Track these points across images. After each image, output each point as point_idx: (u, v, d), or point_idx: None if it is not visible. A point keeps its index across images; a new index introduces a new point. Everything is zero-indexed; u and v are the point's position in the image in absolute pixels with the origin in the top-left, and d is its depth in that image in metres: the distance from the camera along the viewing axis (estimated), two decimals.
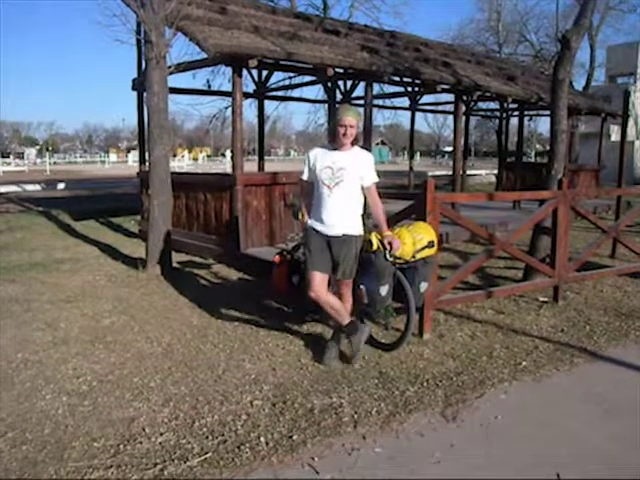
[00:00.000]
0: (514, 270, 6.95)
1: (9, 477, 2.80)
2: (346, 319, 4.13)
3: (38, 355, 4.38)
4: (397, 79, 11.26)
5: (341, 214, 4.05)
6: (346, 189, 4.03)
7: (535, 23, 26.97)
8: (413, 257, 4.21)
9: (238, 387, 3.76)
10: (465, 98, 11.62)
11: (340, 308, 4.13)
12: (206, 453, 2.98)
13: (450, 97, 13.32)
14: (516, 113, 16.24)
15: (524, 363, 4.19)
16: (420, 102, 15.30)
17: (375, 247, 4.03)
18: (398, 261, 4.18)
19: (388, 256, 4.02)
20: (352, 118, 3.99)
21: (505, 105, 15.56)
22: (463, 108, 11.41)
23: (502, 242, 5.42)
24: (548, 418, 3.40)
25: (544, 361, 4.24)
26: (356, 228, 4.09)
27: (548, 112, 8.36)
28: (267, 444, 3.06)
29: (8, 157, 60.84)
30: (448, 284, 5.10)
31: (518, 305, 5.69)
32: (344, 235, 4.04)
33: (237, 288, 6.45)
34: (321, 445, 3.06)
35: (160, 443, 3.09)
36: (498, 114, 17.99)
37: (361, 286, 4.10)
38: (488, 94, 11.94)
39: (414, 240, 4.20)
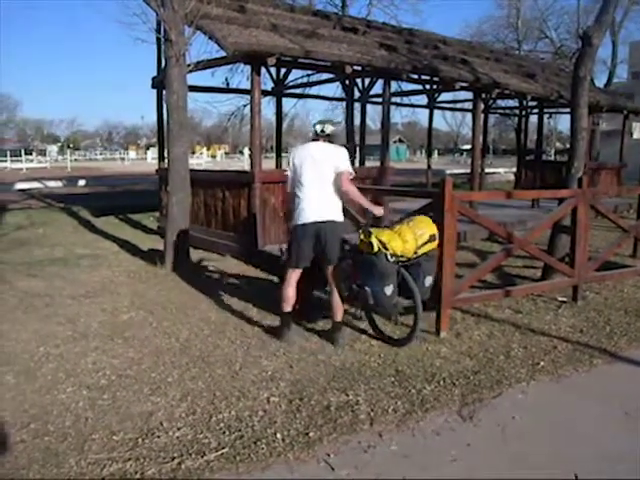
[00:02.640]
0: (532, 269, 6.89)
1: (32, 466, 2.86)
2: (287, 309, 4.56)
3: (59, 349, 4.45)
4: (415, 77, 11.21)
5: None
6: None
7: (555, 19, 26.67)
8: (415, 253, 4.30)
9: (255, 383, 3.79)
10: (484, 96, 11.54)
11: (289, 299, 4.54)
12: (223, 448, 3.01)
13: (469, 95, 13.23)
14: (535, 111, 16.11)
15: (542, 363, 4.16)
16: (438, 100, 15.23)
17: (376, 249, 4.14)
18: (401, 259, 4.26)
19: (390, 257, 4.11)
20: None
21: (524, 103, 15.40)
22: (482, 106, 11.34)
23: (521, 241, 5.38)
24: (567, 419, 3.37)
25: (563, 361, 4.20)
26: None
27: (568, 110, 8.29)
28: (283, 440, 3.08)
29: (31, 154, 61.62)
30: (465, 282, 5.08)
31: (536, 304, 5.65)
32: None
33: (254, 285, 6.48)
34: (337, 442, 3.07)
35: (178, 437, 3.12)
36: (517, 112, 17.83)
37: (366, 288, 4.19)
38: (507, 92, 11.82)
39: (415, 236, 4.28)
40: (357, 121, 13.20)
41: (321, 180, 4.40)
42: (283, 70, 11.20)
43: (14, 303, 5.67)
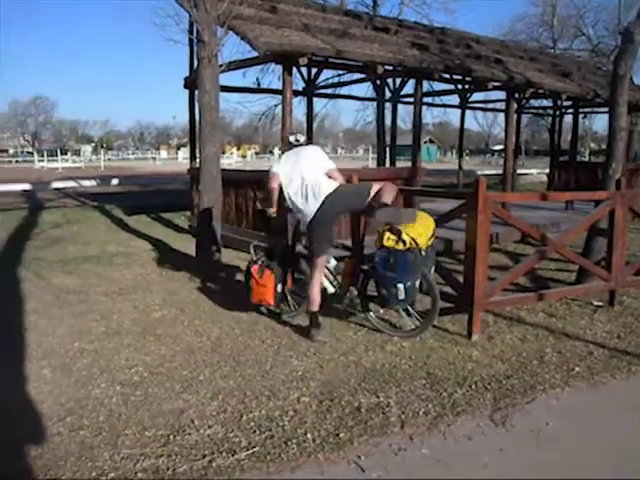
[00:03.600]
0: (566, 272, 6.77)
1: (69, 458, 2.92)
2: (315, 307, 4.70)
3: (93, 345, 4.53)
4: (447, 76, 11.12)
5: None
6: None
7: (593, 16, 26.16)
8: (426, 246, 4.49)
9: (285, 383, 3.79)
10: (517, 95, 11.36)
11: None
12: (253, 447, 3.01)
13: (501, 94, 13.06)
14: (570, 110, 15.81)
15: (577, 369, 4.06)
16: (470, 100, 15.07)
17: (408, 245, 4.29)
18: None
19: (422, 252, 4.30)
20: None
21: (559, 102, 15.13)
22: (515, 106, 11.16)
23: (555, 243, 5.28)
24: (603, 427, 3.29)
25: (599, 368, 4.10)
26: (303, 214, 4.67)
27: (605, 109, 8.11)
28: (314, 441, 3.07)
29: (66, 154, 62.93)
30: (498, 285, 5.01)
31: (570, 309, 5.54)
32: None
33: None
34: (368, 444, 3.05)
35: (208, 435, 3.14)
36: (551, 112, 17.52)
37: (399, 284, 4.30)
38: (541, 91, 11.63)
39: (426, 232, 4.46)
40: (388, 121, 13.16)
41: (324, 169, 4.77)
42: (314, 70, 11.22)
43: (50, 299, 5.79)
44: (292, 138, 5.07)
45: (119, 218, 11.98)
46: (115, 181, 14.92)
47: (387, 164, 12.87)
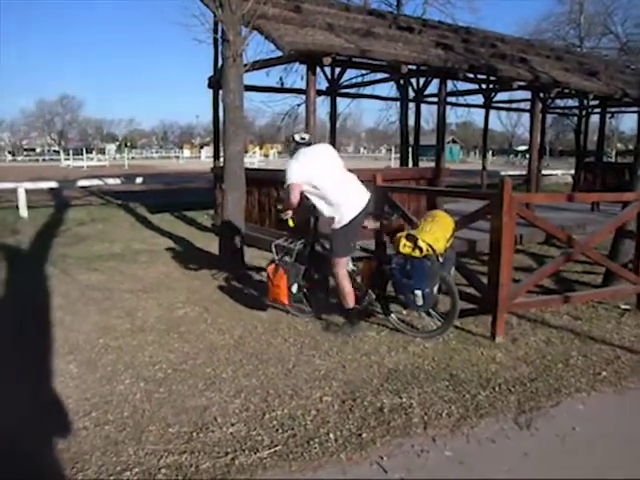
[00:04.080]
0: (592, 275, 6.67)
1: (94, 452, 2.96)
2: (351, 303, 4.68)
3: (118, 341, 4.59)
4: (471, 76, 11.03)
5: None
6: None
7: (622, 13, 25.81)
8: (445, 248, 4.42)
9: (308, 382, 3.80)
10: (542, 95, 11.22)
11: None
12: (276, 446, 3.02)
13: (526, 94, 12.92)
14: (597, 110, 15.55)
15: (604, 373, 4.00)
16: (494, 99, 14.91)
17: (425, 252, 4.25)
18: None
19: (439, 258, 4.29)
20: None
21: (585, 102, 14.90)
22: (540, 105, 11.02)
23: (581, 245, 5.20)
24: (631, 433, 3.24)
25: (626, 372, 4.02)
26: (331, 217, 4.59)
27: (634, 108, 7.97)
28: (336, 441, 3.07)
29: (91, 152, 63.86)
30: (523, 287, 4.96)
31: (597, 312, 5.45)
32: None
33: None
34: (390, 445, 3.04)
35: (231, 433, 3.16)
36: (577, 111, 17.27)
37: (416, 291, 4.29)
38: (567, 90, 11.49)
39: (444, 232, 4.39)
40: (411, 121, 13.10)
41: (346, 172, 4.73)
42: (337, 69, 11.21)
43: (76, 296, 5.88)
44: (297, 137, 4.75)
45: (143, 216, 12.12)
46: (139, 180, 15.08)
47: (410, 164, 12.81)
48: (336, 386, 3.74)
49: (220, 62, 8.16)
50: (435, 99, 10.96)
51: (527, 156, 11.03)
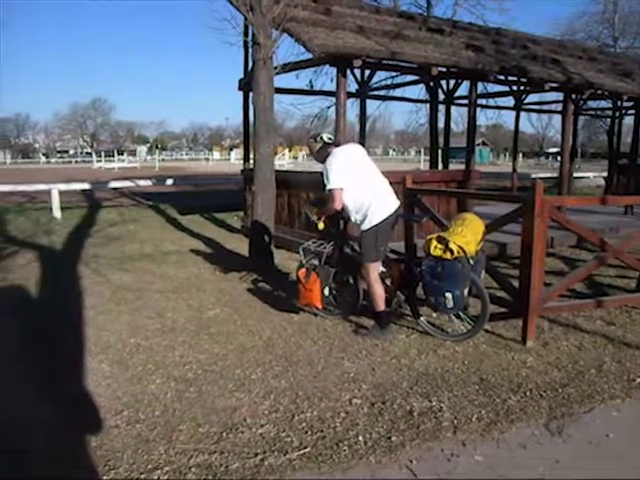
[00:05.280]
0: (626, 279, 6.54)
1: (126, 450, 3.02)
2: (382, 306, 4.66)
3: (149, 341, 4.65)
4: (502, 78, 10.91)
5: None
6: None
7: None
8: (476, 251, 4.42)
9: (337, 384, 3.80)
10: (574, 97, 11.05)
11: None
12: (305, 447, 3.03)
13: (558, 96, 12.73)
14: (631, 112, 15.24)
15: (639, 380, 3.91)
16: (525, 101, 14.72)
17: (456, 254, 4.23)
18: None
19: (470, 260, 4.27)
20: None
21: (619, 103, 14.61)
22: (572, 107, 10.85)
23: (615, 249, 5.11)
24: None
25: None
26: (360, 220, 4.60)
27: None
28: (365, 443, 3.07)
29: (122, 154, 64.95)
30: (555, 291, 4.88)
31: (631, 317, 5.34)
32: None
33: None
34: (420, 449, 3.03)
35: (261, 434, 3.18)
36: (610, 113, 16.94)
37: (447, 294, 4.27)
38: (600, 92, 11.28)
39: (476, 237, 4.36)
40: (440, 123, 13.01)
41: (378, 174, 4.71)
42: (367, 72, 11.20)
43: (108, 296, 5.98)
44: (326, 136, 4.71)
45: (173, 217, 12.27)
46: (170, 181, 15.27)
47: (440, 166, 12.72)
48: (365, 389, 3.73)
49: (250, 65, 8.24)
50: (465, 101, 10.87)
51: (558, 158, 10.84)
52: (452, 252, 4.23)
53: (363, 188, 4.52)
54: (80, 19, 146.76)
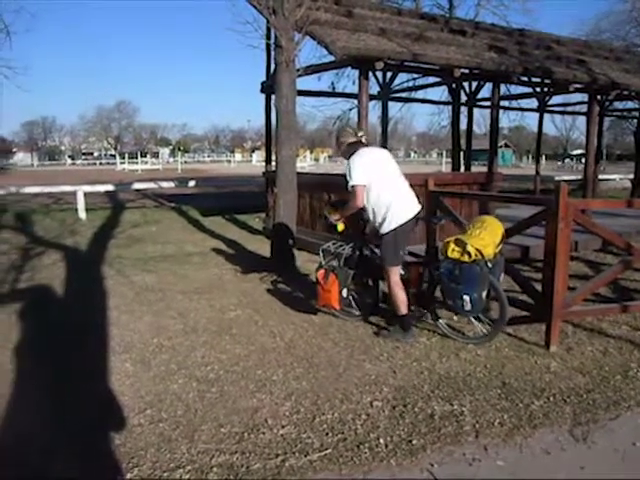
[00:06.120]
0: None
1: (149, 449, 3.05)
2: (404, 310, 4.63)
3: (171, 341, 4.70)
4: (525, 79, 10.81)
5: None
6: None
7: None
8: (494, 254, 4.41)
9: (358, 387, 3.79)
10: (600, 97, 10.90)
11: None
12: (326, 449, 3.04)
13: (583, 97, 12.56)
14: None
15: None
16: (549, 103, 14.56)
17: (474, 257, 4.24)
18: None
19: (488, 263, 4.28)
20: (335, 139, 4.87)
21: None
22: (597, 108, 10.71)
23: None
24: None
25: None
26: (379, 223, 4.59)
27: None
28: (386, 446, 3.06)
29: (145, 156, 65.71)
30: (579, 295, 4.82)
31: None
32: None
33: None
34: (441, 452, 3.01)
35: (282, 435, 3.19)
36: (637, 114, 16.69)
37: (464, 296, 4.28)
38: (627, 92, 11.11)
39: (494, 238, 4.36)
40: (462, 125, 12.92)
41: (401, 178, 4.71)
42: (389, 74, 11.18)
43: (131, 296, 6.06)
44: (361, 134, 4.78)
45: (195, 219, 12.36)
46: (192, 183, 15.40)
47: (462, 169, 12.65)
48: (386, 391, 3.73)
49: (273, 67, 8.28)
50: (488, 103, 10.79)
51: (582, 160, 10.69)
52: (470, 255, 4.24)
53: (385, 190, 4.52)
54: (103, 24, 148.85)
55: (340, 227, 4.94)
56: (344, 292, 4.91)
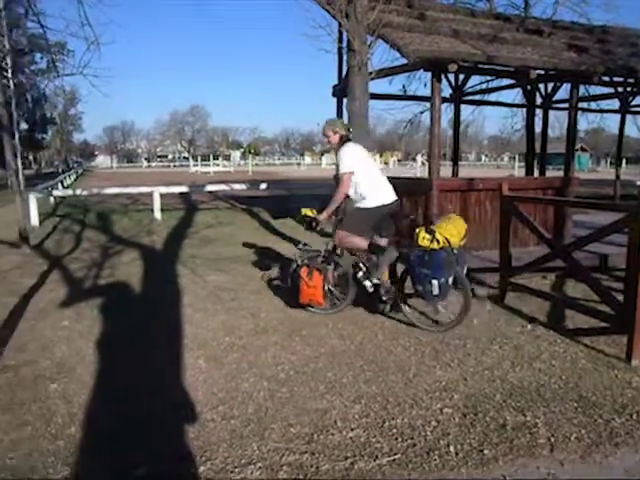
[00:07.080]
0: None
1: (221, 444, 3.14)
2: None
3: (242, 340, 4.80)
4: (607, 79, 10.35)
5: None
6: None
7: None
8: (459, 246, 4.80)
9: (428, 393, 3.76)
10: None
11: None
12: (395, 454, 3.02)
13: None
14: None
15: None
16: (632, 103, 13.89)
17: (442, 243, 4.64)
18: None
19: (454, 250, 4.69)
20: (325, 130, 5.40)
21: None
22: None
23: None
24: None
25: None
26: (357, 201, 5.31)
27: None
28: (457, 454, 3.02)
29: (217, 159, 67.46)
30: None
31: None
32: None
33: None
34: (514, 464, 2.93)
35: (351, 438, 3.20)
36: None
37: (433, 281, 4.64)
38: None
39: (459, 231, 4.77)
40: (537, 128, 12.52)
41: (379, 170, 5.49)
42: (462, 76, 11.00)
43: (204, 295, 6.23)
44: (350, 130, 5.52)
45: (266, 221, 12.56)
46: (263, 185, 15.68)
47: (536, 173, 12.26)
48: (457, 398, 3.67)
49: (345, 71, 8.32)
50: (565, 105, 10.42)
51: None
52: (438, 242, 4.65)
53: (366, 177, 5.17)
54: (186, 33, 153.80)
55: (309, 212, 5.46)
56: (326, 287, 5.32)
